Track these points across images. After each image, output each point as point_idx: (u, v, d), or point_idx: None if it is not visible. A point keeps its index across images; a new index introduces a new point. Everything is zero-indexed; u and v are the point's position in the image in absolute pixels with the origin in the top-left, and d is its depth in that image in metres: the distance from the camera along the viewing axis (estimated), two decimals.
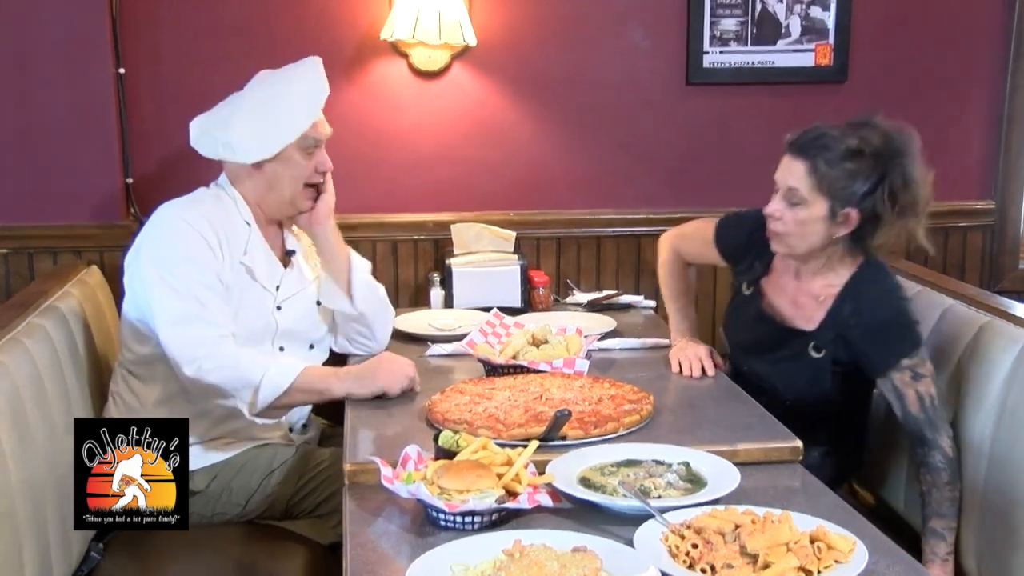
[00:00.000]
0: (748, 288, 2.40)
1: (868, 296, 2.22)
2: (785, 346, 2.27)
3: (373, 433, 2.04)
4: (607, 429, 1.93)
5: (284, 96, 2.32)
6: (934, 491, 2.16)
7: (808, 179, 2.14)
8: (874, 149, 2.14)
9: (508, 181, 3.22)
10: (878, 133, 2.16)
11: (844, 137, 2.14)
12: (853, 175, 2.13)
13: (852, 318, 2.20)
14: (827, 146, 2.13)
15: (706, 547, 1.46)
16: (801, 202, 2.16)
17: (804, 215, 2.16)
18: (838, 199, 2.14)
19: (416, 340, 2.64)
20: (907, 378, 2.16)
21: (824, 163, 2.13)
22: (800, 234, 2.19)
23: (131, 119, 3.01)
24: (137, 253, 2.30)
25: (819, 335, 2.23)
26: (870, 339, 2.18)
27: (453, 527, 1.60)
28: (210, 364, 2.17)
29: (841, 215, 2.16)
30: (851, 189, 2.13)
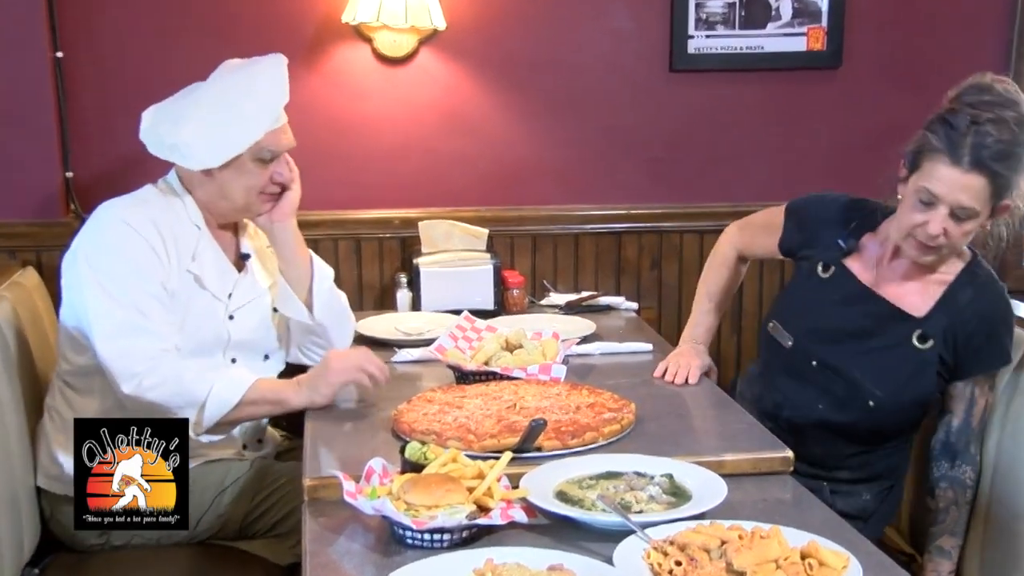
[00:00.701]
0: (826, 270, 2.28)
1: (990, 288, 2.17)
2: (883, 332, 2.18)
3: (335, 445, 2.03)
4: (585, 439, 1.94)
5: (238, 100, 2.26)
6: (953, 508, 2.16)
7: (986, 192, 2.01)
8: (1020, 136, 2.02)
9: (480, 175, 3.23)
10: (1014, 107, 2.04)
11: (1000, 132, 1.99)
12: (1018, 170, 2.03)
13: (971, 305, 2.13)
14: (1007, 153, 1.99)
15: (690, 564, 1.47)
16: (971, 216, 2.04)
17: (971, 226, 2.07)
18: (1001, 197, 2.05)
19: (381, 345, 2.64)
20: (987, 387, 2.17)
21: (1004, 170, 2.00)
22: (962, 243, 2.12)
23: (71, 108, 2.99)
24: (74, 256, 2.27)
25: (928, 322, 2.15)
26: (986, 331, 2.14)
27: (421, 545, 1.60)
28: (151, 380, 2.15)
29: (1000, 208, 2.07)
30: (1015, 181, 2.04)
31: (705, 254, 3.29)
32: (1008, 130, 2.00)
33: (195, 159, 2.27)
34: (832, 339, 2.23)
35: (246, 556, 2.31)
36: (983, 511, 2.20)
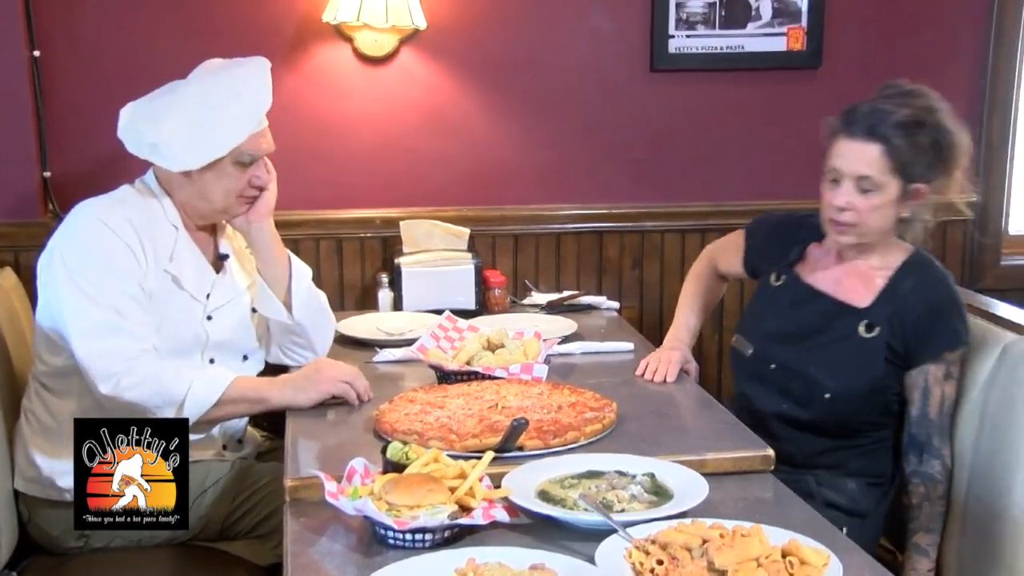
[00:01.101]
0: (778, 279, 2.39)
1: (929, 274, 2.25)
2: (831, 327, 2.26)
3: (316, 446, 2.03)
4: (567, 439, 1.94)
5: (220, 102, 2.24)
6: (926, 504, 2.19)
7: (883, 162, 2.15)
8: (925, 119, 2.16)
9: (461, 174, 3.23)
10: (920, 97, 2.19)
11: (899, 110, 2.15)
12: (919, 149, 2.15)
13: (914, 293, 2.21)
14: (896, 123, 2.14)
15: (672, 563, 1.47)
16: (874, 188, 2.16)
17: (878, 200, 2.17)
18: (908, 176, 2.16)
19: (363, 345, 2.64)
20: (941, 374, 2.20)
21: (899, 140, 2.13)
22: (874, 221, 2.20)
23: (48, 107, 2.97)
24: (50, 256, 2.26)
25: (872, 312, 2.23)
26: (929, 317, 2.20)
27: (402, 545, 1.60)
28: (129, 380, 2.14)
29: (911, 191, 2.18)
30: (920, 163, 2.16)
31: (687, 253, 3.33)
32: (907, 109, 2.15)
33: (175, 160, 2.26)
34: (786, 341, 2.30)
35: (227, 557, 2.30)
36: (961, 509, 2.22)
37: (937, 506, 2.19)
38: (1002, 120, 3.44)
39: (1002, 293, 3.16)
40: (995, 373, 2.19)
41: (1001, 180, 3.48)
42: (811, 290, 2.32)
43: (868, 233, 2.23)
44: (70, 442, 2.24)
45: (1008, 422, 2.12)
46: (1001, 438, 2.13)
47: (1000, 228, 3.52)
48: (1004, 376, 2.16)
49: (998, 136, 3.44)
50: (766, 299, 2.41)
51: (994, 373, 2.19)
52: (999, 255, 3.53)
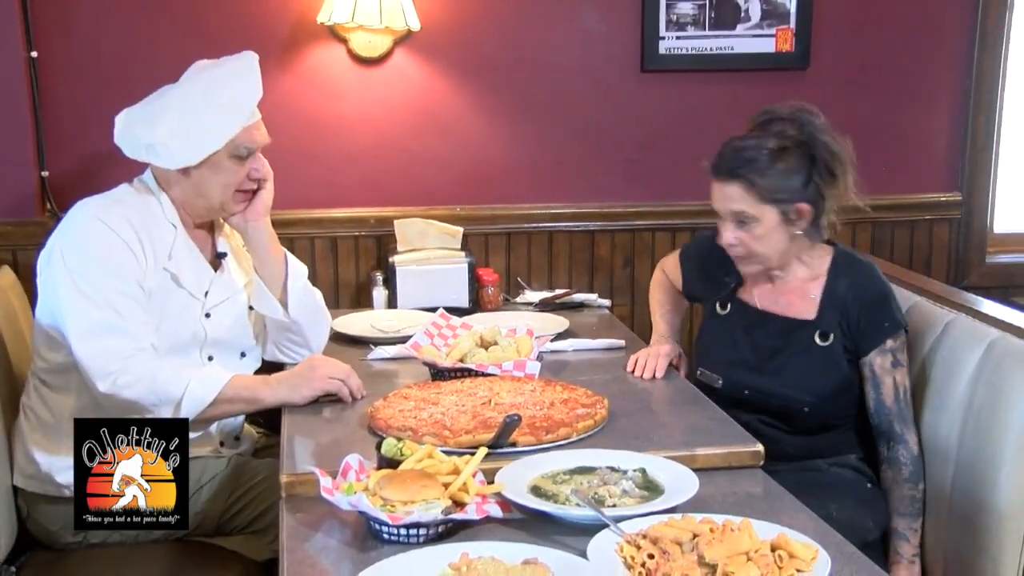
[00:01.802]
0: (724, 308, 2.43)
1: (860, 271, 2.30)
2: (788, 345, 2.29)
3: (311, 442, 2.03)
4: (559, 435, 1.94)
5: (212, 98, 2.25)
6: (895, 488, 2.22)
7: (748, 196, 2.22)
8: (794, 140, 2.24)
9: (454, 174, 3.23)
10: (787, 122, 2.26)
11: (761, 142, 2.24)
12: (787, 173, 2.22)
13: (850, 292, 2.27)
14: (751, 158, 2.22)
15: (663, 557, 1.47)
16: (751, 220, 2.24)
17: (760, 231, 2.25)
18: (784, 201, 2.22)
19: (358, 343, 2.64)
20: (887, 364, 2.23)
21: (756, 175, 2.21)
22: (764, 249, 2.27)
23: (46, 107, 2.97)
24: (49, 255, 2.25)
25: (821, 320, 2.28)
26: (867, 311, 2.25)
27: (397, 540, 1.60)
28: (126, 379, 2.14)
29: (793, 212, 2.24)
30: (792, 186, 2.22)
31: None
32: (771, 139, 2.22)
33: (172, 158, 2.25)
34: (751, 367, 2.33)
35: (224, 552, 2.30)
36: (946, 503, 2.22)
37: (905, 489, 2.21)
38: (987, 120, 3.45)
39: (987, 291, 3.17)
40: (980, 369, 2.19)
41: (986, 180, 3.49)
42: (759, 313, 2.37)
43: (768, 259, 2.29)
44: (69, 439, 2.24)
45: (993, 417, 2.12)
46: (986, 433, 2.13)
47: (985, 227, 3.53)
48: (989, 372, 2.17)
49: (983, 136, 3.45)
50: (718, 328, 2.43)
51: (979, 369, 2.19)
52: (984, 253, 3.54)
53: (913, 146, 3.44)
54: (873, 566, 1.56)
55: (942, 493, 2.24)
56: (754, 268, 2.32)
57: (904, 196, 3.45)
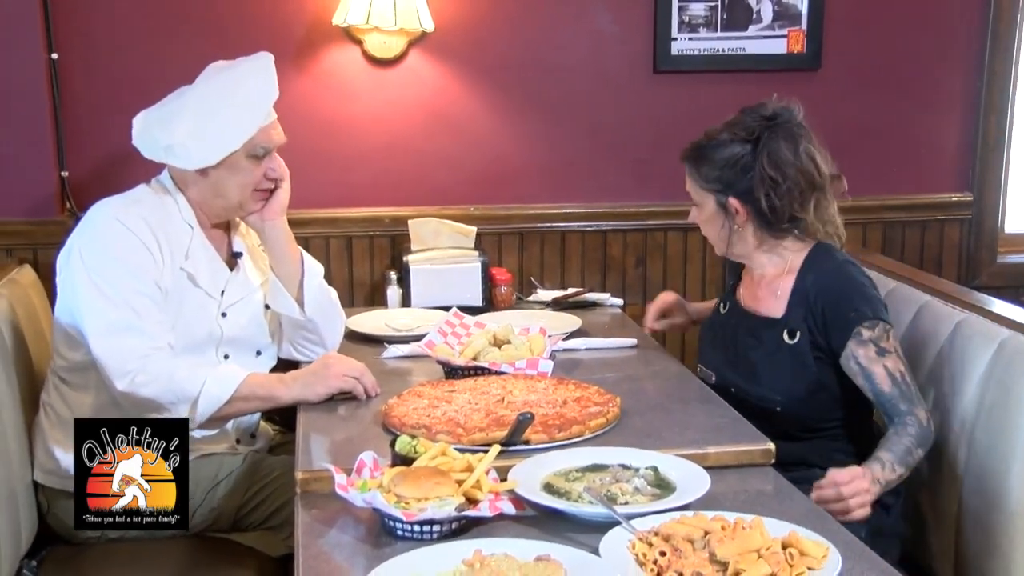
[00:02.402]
0: (724, 307, 2.47)
1: (825, 266, 2.28)
2: (761, 343, 2.29)
3: (326, 439, 2.04)
4: (572, 433, 1.94)
5: (228, 99, 2.25)
6: (894, 436, 2.13)
7: (691, 181, 2.34)
8: (740, 135, 2.27)
9: (468, 174, 3.23)
10: (752, 117, 2.29)
11: (717, 131, 2.31)
12: (722, 165, 2.28)
13: (814, 286, 2.25)
14: (698, 145, 2.32)
15: (674, 555, 1.47)
16: (697, 204, 2.36)
17: (702, 216, 2.36)
18: (718, 192, 2.30)
19: (372, 341, 2.64)
20: (872, 353, 2.18)
21: (694, 161, 2.32)
22: (709, 234, 2.37)
23: (65, 108, 2.98)
24: (68, 254, 2.26)
25: (788, 318, 2.26)
26: (831, 303, 2.21)
27: (411, 537, 1.60)
28: (143, 378, 2.14)
29: (730, 206, 2.28)
30: (725, 179, 2.28)
31: (689, 251, 3.34)
32: (716, 130, 2.31)
33: (190, 159, 2.26)
34: (734, 365, 2.35)
35: (240, 548, 2.31)
36: (958, 502, 2.21)
37: (904, 439, 2.11)
38: (998, 121, 3.43)
39: (998, 290, 3.16)
40: (991, 369, 2.18)
41: (997, 180, 3.47)
42: (742, 311, 2.39)
43: (717, 245, 2.38)
44: None
45: (1004, 416, 2.11)
46: (998, 432, 2.12)
47: (996, 226, 3.51)
48: (1000, 371, 2.16)
49: (994, 136, 3.43)
50: (716, 327, 2.47)
51: (990, 369, 2.18)
52: (995, 253, 3.52)
53: (924, 146, 3.42)
54: (883, 563, 1.56)
55: (953, 491, 2.23)
56: (719, 252, 2.39)
57: (915, 196, 3.44)
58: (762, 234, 2.30)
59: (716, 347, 2.43)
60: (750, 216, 2.28)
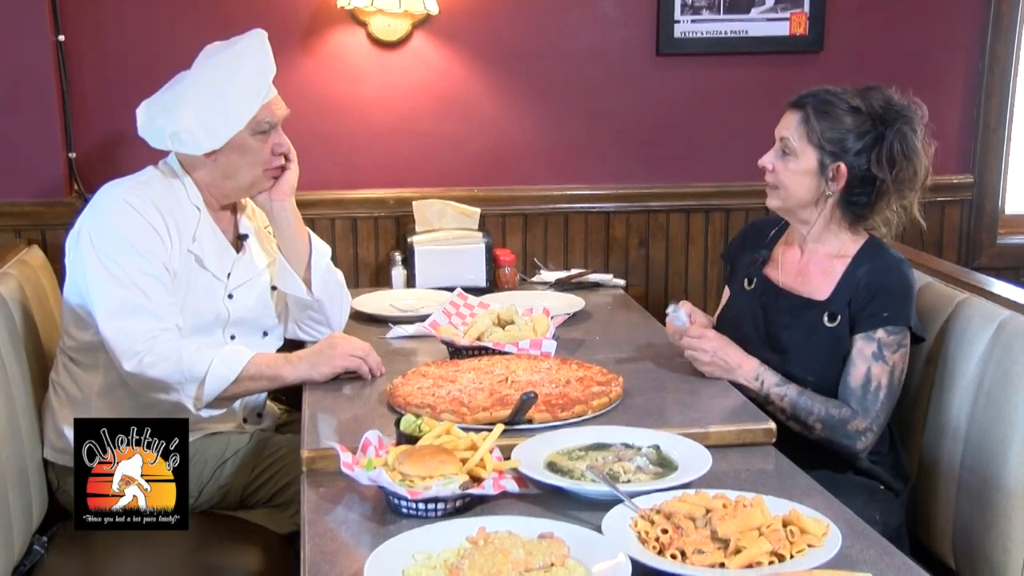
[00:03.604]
0: (750, 283, 2.40)
1: (884, 261, 2.24)
2: (798, 323, 2.25)
3: (332, 418, 2.04)
4: (575, 412, 1.94)
5: (228, 80, 2.24)
6: (821, 397, 2.14)
7: (799, 129, 2.22)
8: (873, 110, 2.20)
9: (472, 156, 3.22)
10: (882, 97, 2.22)
11: (844, 93, 2.22)
12: (846, 130, 2.19)
13: (867, 275, 2.21)
14: (824, 99, 2.21)
15: (676, 532, 1.47)
16: (791, 153, 2.23)
17: (794, 166, 2.23)
18: (827, 152, 2.20)
19: (377, 321, 2.64)
20: (868, 352, 2.16)
21: (816, 113, 2.20)
22: (791, 186, 2.25)
23: (73, 90, 2.97)
24: (78, 236, 2.26)
25: (832, 302, 2.22)
26: (870, 295, 2.19)
27: (415, 514, 1.61)
28: (151, 358, 2.14)
29: (831, 168, 2.21)
30: (842, 143, 2.19)
31: (691, 232, 3.33)
32: (857, 99, 2.21)
33: (197, 144, 2.25)
34: (764, 342, 2.29)
35: (247, 525, 2.31)
36: (956, 479, 2.21)
37: (825, 406, 2.13)
38: (999, 104, 3.41)
39: (998, 271, 3.15)
40: (991, 348, 2.17)
41: (997, 162, 3.46)
42: (778, 289, 2.33)
43: (787, 198, 2.27)
44: (97, 413, 2.27)
45: (1003, 396, 2.11)
46: (996, 411, 2.12)
47: (996, 208, 3.50)
48: (999, 351, 2.15)
49: (995, 119, 3.42)
50: (742, 303, 2.40)
51: (990, 348, 2.18)
52: (995, 234, 3.51)
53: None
54: (883, 540, 1.56)
55: (951, 470, 2.23)
56: (775, 202, 2.29)
57: None
58: (840, 211, 2.25)
59: (739, 323, 2.36)
60: (845, 187, 2.21)
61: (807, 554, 1.44)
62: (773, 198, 2.30)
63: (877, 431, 2.16)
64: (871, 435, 2.15)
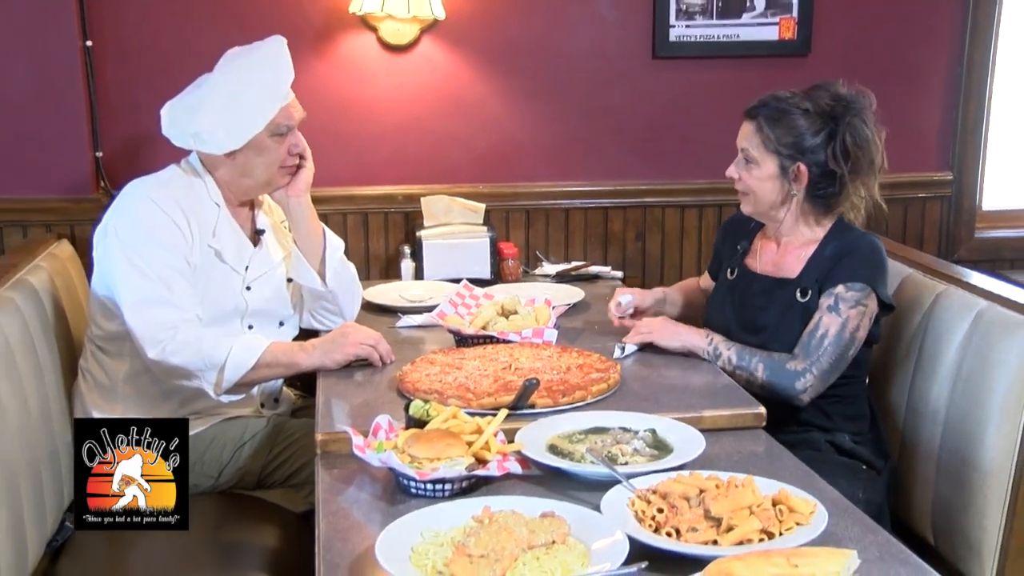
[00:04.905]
0: (732, 273, 2.40)
1: (850, 235, 2.24)
2: (774, 303, 2.24)
3: (345, 404, 2.03)
4: (575, 397, 1.93)
5: (248, 84, 2.23)
6: (764, 352, 2.15)
7: (755, 138, 2.22)
8: (821, 108, 2.19)
9: (477, 153, 3.21)
10: (829, 94, 2.22)
11: (792, 98, 2.22)
12: (799, 131, 2.19)
13: (835, 251, 2.20)
14: (775, 108, 2.21)
15: (671, 511, 1.47)
16: (752, 161, 2.23)
17: (757, 173, 2.23)
18: (786, 155, 2.20)
19: (387, 311, 2.64)
20: (825, 305, 2.15)
21: (768, 122, 2.20)
22: (758, 192, 2.25)
23: (100, 93, 2.97)
24: (104, 231, 2.26)
25: (802, 279, 2.22)
26: (836, 262, 2.18)
27: (424, 494, 1.60)
28: (173, 347, 2.14)
29: (792, 170, 2.20)
30: (799, 145, 2.19)
31: (685, 226, 3.32)
32: (806, 101, 2.20)
33: (217, 144, 2.25)
34: (746, 328, 2.28)
35: (264, 504, 2.31)
36: (935, 460, 2.21)
37: (767, 359, 2.14)
38: (977, 105, 3.40)
39: (975, 264, 3.14)
40: (969, 337, 2.17)
41: (975, 160, 3.45)
42: (755, 276, 2.33)
43: (760, 203, 2.26)
44: (124, 399, 2.27)
45: (980, 381, 2.10)
46: (974, 396, 2.12)
47: (974, 204, 3.49)
48: (977, 339, 2.15)
49: (973, 119, 3.41)
50: (724, 293, 2.40)
51: (968, 337, 2.17)
52: (973, 229, 3.51)
53: (907, 128, 3.38)
54: (866, 518, 1.55)
55: (931, 452, 2.22)
56: (748, 208, 2.30)
57: (898, 175, 3.37)
58: (809, 204, 2.24)
59: (724, 310, 2.36)
60: (808, 185, 2.21)
61: (795, 532, 1.44)
62: (746, 204, 2.31)
63: (819, 376, 2.12)
64: (811, 377, 2.12)
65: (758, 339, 2.22)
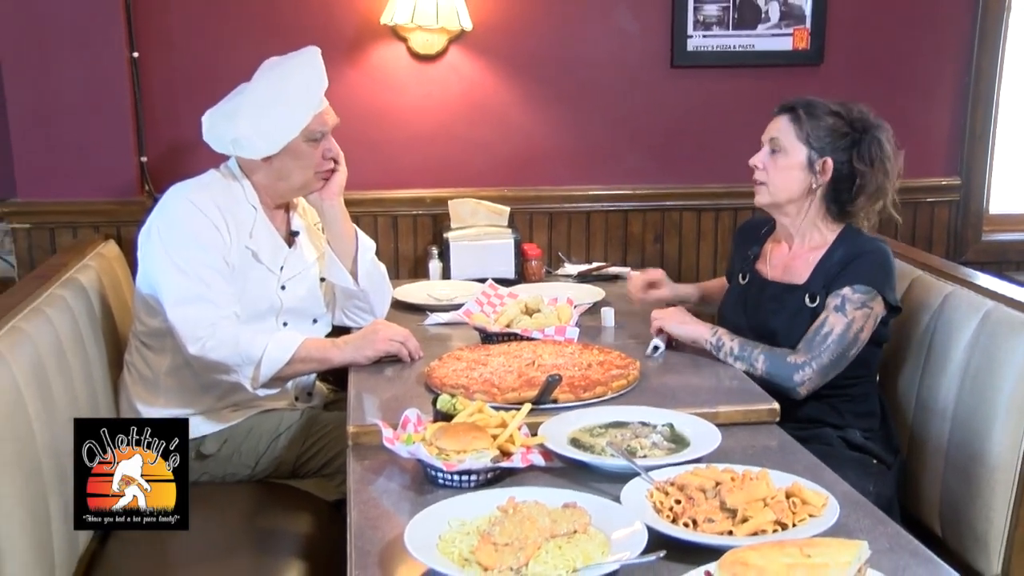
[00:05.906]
0: (744, 278, 2.38)
1: (859, 240, 2.21)
2: (782, 308, 2.22)
3: (375, 397, 2.04)
4: (596, 393, 1.93)
5: (284, 92, 2.24)
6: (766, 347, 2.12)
7: (789, 128, 2.22)
8: (851, 116, 2.21)
9: (502, 159, 3.21)
10: (858, 109, 2.24)
11: (826, 102, 2.24)
12: (831, 130, 2.20)
13: (839, 257, 2.18)
14: (810, 103, 2.23)
15: (688, 503, 1.46)
16: (781, 150, 2.22)
17: (784, 162, 2.21)
18: (815, 148, 2.20)
19: (415, 309, 2.64)
20: (832, 305, 2.12)
21: (805, 114, 2.21)
22: (780, 181, 2.22)
23: (145, 101, 2.99)
24: (148, 232, 2.27)
25: (810, 284, 2.20)
26: (843, 266, 2.15)
27: (451, 485, 1.61)
28: (213, 343, 2.15)
29: (819, 163, 2.19)
30: (828, 140, 2.19)
31: (703, 229, 3.31)
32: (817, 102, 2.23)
33: (254, 149, 2.26)
34: (756, 333, 2.24)
35: (298, 493, 2.32)
36: (942, 458, 2.19)
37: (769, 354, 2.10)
38: (984, 112, 3.36)
39: (983, 266, 3.11)
40: (976, 336, 2.15)
41: (983, 165, 3.41)
42: (765, 281, 2.30)
43: (776, 193, 2.23)
44: (166, 392, 2.28)
45: (988, 379, 2.08)
46: (981, 394, 2.09)
47: (981, 208, 3.46)
48: (984, 339, 2.12)
49: (981, 126, 3.37)
50: (737, 298, 2.37)
51: (975, 337, 2.15)
52: (980, 232, 3.47)
53: (917, 134, 3.35)
54: (876, 511, 1.54)
55: (940, 447, 2.20)
56: (764, 198, 2.26)
57: (908, 180, 3.28)
58: (825, 206, 2.23)
59: (735, 317, 2.34)
60: (829, 183, 2.20)
61: (808, 523, 1.43)
62: (761, 195, 2.26)
63: (818, 371, 2.09)
64: (810, 371, 2.08)
65: (769, 343, 2.19)
